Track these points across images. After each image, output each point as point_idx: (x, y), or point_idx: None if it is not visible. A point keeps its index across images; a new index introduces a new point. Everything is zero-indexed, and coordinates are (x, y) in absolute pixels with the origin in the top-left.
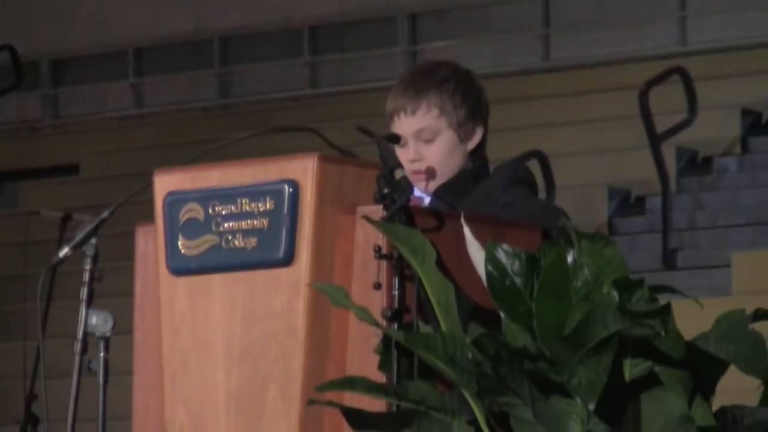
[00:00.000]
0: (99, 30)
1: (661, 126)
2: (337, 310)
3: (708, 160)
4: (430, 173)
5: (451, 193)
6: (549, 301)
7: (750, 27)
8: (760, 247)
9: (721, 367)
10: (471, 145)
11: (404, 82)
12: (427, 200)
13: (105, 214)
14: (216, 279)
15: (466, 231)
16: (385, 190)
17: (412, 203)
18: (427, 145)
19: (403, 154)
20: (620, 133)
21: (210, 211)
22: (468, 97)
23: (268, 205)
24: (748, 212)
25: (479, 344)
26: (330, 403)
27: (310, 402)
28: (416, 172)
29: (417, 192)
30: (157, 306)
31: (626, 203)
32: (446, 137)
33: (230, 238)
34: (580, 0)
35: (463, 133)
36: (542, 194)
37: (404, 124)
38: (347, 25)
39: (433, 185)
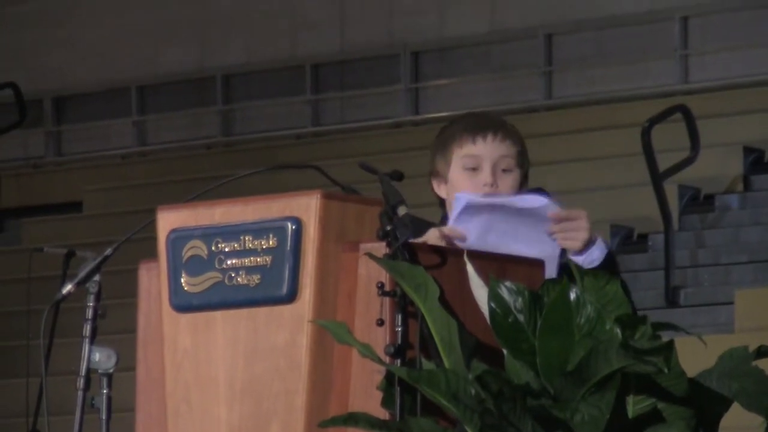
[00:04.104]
0: (102, 67)
1: (663, 164)
2: (340, 347)
3: (710, 198)
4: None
5: None
6: (552, 337)
7: (752, 65)
8: (763, 285)
9: (724, 404)
10: None
11: (479, 115)
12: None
13: (108, 251)
14: (219, 316)
15: (469, 268)
16: (388, 227)
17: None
18: (503, 174)
19: (473, 177)
20: (622, 171)
21: (213, 248)
22: (526, 154)
23: (271, 242)
24: (751, 250)
25: (482, 381)
26: None
27: None
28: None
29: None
30: (160, 342)
31: (629, 240)
32: (517, 176)
33: (233, 275)
34: (582, 38)
35: (522, 180)
36: None
37: (490, 147)
38: (349, 63)
39: None
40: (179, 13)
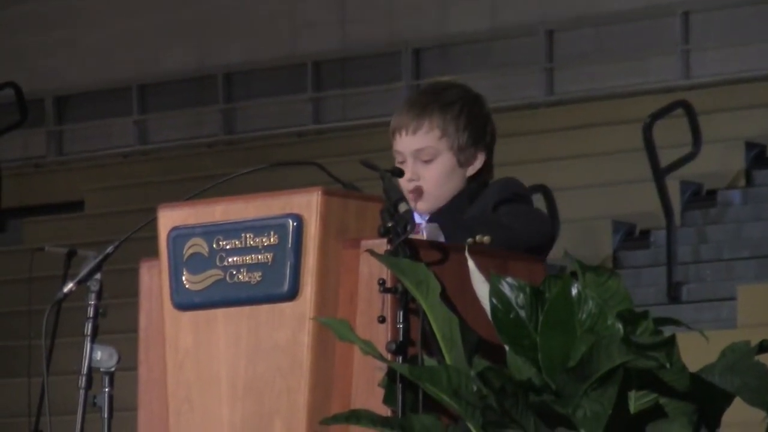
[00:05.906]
0: (103, 67)
1: (665, 159)
2: (341, 344)
3: (712, 194)
4: (423, 194)
5: (447, 216)
6: (554, 333)
7: (754, 60)
8: (765, 280)
9: (726, 399)
10: (471, 170)
11: (410, 101)
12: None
13: (109, 249)
14: (220, 314)
15: (471, 264)
16: (389, 224)
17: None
18: (425, 165)
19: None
20: (624, 167)
21: (214, 245)
22: (472, 122)
23: (272, 240)
24: (753, 245)
25: (484, 377)
26: None
27: None
28: (412, 192)
29: (416, 218)
30: (161, 341)
31: (631, 237)
32: (445, 160)
33: (234, 272)
34: (584, 34)
35: (463, 157)
36: None
37: (404, 143)
38: (351, 61)
39: (426, 206)
40: (180, 12)
